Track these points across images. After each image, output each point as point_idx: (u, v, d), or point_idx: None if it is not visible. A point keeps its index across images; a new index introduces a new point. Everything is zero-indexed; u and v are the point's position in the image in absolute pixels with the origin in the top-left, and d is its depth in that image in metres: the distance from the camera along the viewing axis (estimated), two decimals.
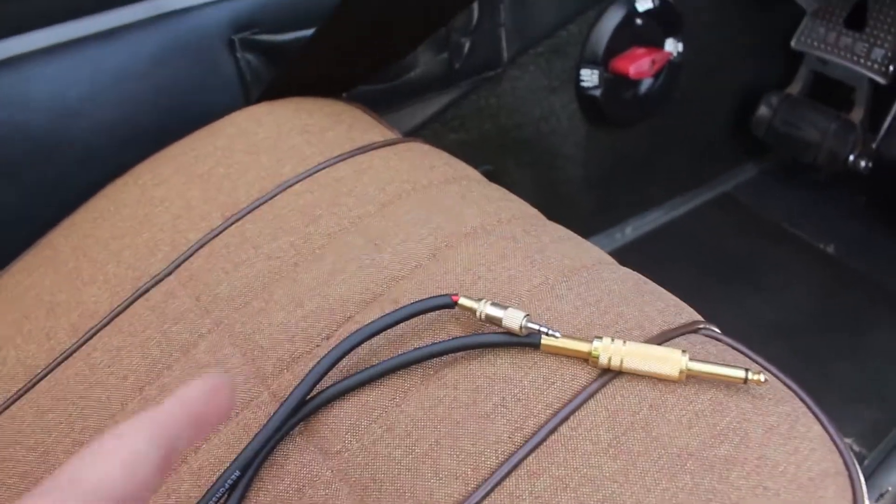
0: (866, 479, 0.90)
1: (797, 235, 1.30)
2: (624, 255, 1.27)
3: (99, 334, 0.52)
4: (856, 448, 0.97)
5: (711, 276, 1.23)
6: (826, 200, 1.36)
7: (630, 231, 1.29)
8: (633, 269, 0.51)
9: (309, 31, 0.73)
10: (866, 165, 1.20)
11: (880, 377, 1.06)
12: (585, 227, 1.22)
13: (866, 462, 0.96)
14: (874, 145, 1.22)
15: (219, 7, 0.71)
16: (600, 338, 0.41)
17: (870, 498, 0.89)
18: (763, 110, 1.28)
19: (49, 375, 0.51)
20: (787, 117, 1.26)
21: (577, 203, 1.16)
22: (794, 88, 1.29)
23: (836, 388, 1.05)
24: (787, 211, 1.35)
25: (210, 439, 0.44)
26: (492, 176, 0.62)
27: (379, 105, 0.78)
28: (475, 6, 0.83)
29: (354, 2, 0.59)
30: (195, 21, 0.70)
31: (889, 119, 1.21)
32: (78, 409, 0.48)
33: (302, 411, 0.42)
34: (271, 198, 0.55)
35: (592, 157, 1.12)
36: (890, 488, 0.90)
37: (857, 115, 1.21)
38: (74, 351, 0.51)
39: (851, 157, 1.20)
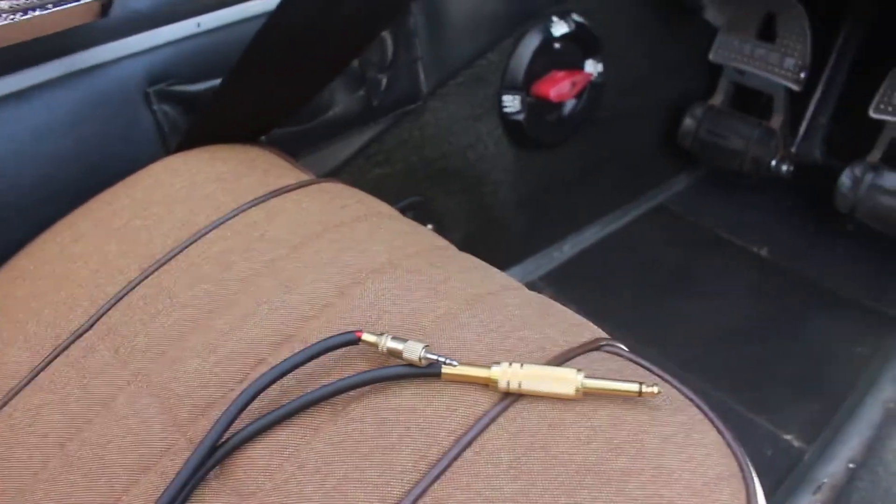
0: (804, 474, 0.93)
1: (731, 241, 1.34)
2: (563, 273, 1.29)
3: (19, 394, 0.52)
4: (795, 444, 1.00)
5: (651, 287, 1.25)
6: (756, 206, 1.40)
7: (568, 248, 1.31)
8: (574, 286, 0.53)
9: None
10: (788, 169, 1.25)
11: (817, 373, 1.09)
12: (522, 249, 1.24)
13: (806, 456, 0.99)
14: (793, 149, 1.27)
15: (133, 60, 0.72)
16: (499, 363, 0.42)
17: (807, 491, 0.92)
18: (688, 122, 1.32)
19: None
20: (711, 127, 1.30)
21: (510, 226, 1.18)
22: (717, 100, 1.33)
23: (776, 388, 1.08)
24: (720, 218, 1.38)
25: (129, 490, 0.45)
26: (421, 207, 0.63)
27: (300, 146, 0.80)
28: (389, 42, 0.85)
29: (259, 47, 0.61)
30: (110, 76, 0.71)
31: (805, 124, 1.26)
32: (0, 470, 0.48)
33: (215, 455, 0.43)
34: (186, 247, 0.56)
35: (522, 180, 1.14)
36: (826, 479, 0.92)
37: (776, 121, 1.26)
38: None
39: (774, 163, 1.24)
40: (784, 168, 1.24)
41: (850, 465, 0.94)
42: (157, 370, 0.49)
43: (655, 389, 0.41)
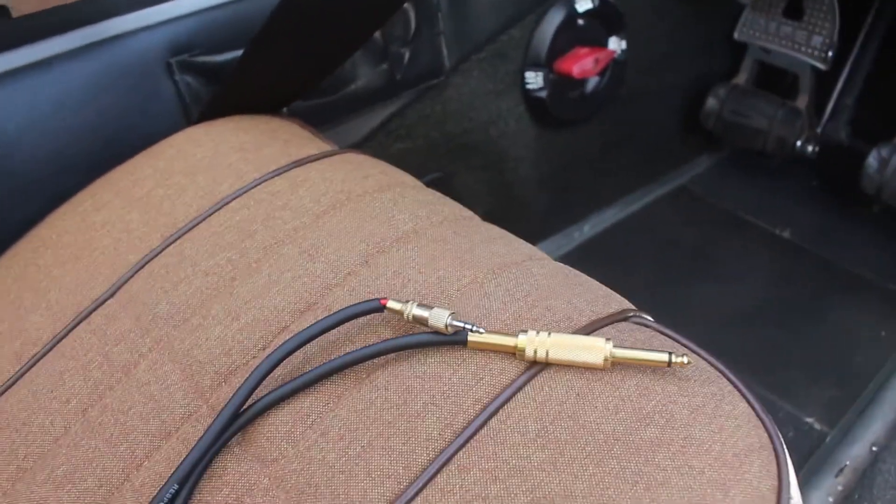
0: (826, 457, 0.92)
1: (753, 223, 1.32)
2: (583, 253, 1.28)
3: (42, 361, 0.52)
4: (817, 427, 0.99)
5: (671, 268, 1.24)
6: (779, 187, 1.39)
7: (588, 229, 1.30)
8: (594, 266, 0.52)
9: None
10: (813, 150, 1.23)
11: (839, 357, 1.08)
12: (542, 228, 1.23)
13: (828, 439, 0.98)
14: (819, 129, 1.25)
15: (155, 31, 0.71)
16: (525, 331, 0.42)
17: (829, 473, 0.91)
18: (711, 102, 1.30)
19: None
20: (734, 107, 1.28)
21: (531, 204, 1.17)
22: (741, 79, 1.31)
23: (798, 371, 1.07)
24: (742, 200, 1.37)
25: (151, 456, 0.44)
26: (442, 182, 0.63)
27: (322, 119, 0.79)
28: (412, 16, 0.84)
29: (281, 16, 0.60)
30: (132, 46, 0.71)
31: (831, 104, 1.24)
32: (21, 435, 0.48)
33: (238, 422, 0.42)
34: (208, 216, 0.56)
35: (543, 157, 1.13)
36: (848, 462, 0.92)
37: (801, 101, 1.24)
38: (18, 379, 0.52)
39: (798, 143, 1.23)
40: (809, 148, 1.22)
41: (874, 448, 0.93)
42: (179, 337, 0.49)
43: (685, 360, 0.41)
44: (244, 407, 0.43)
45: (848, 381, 1.05)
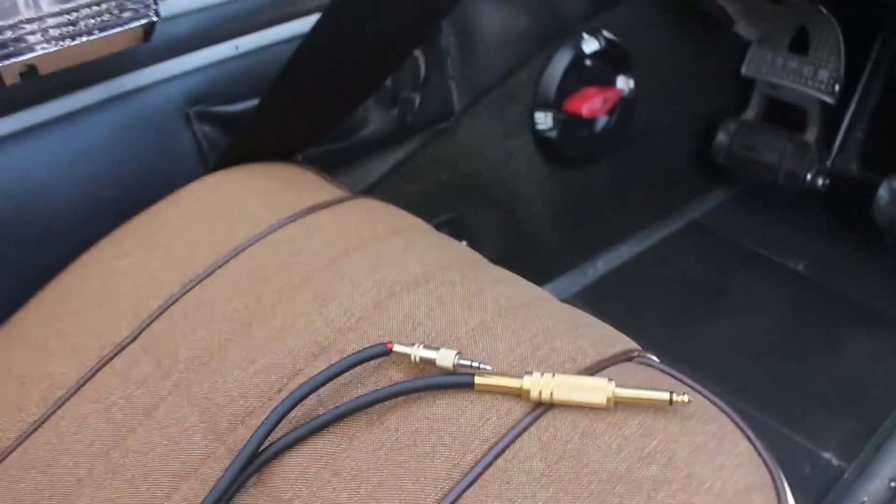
0: (844, 492, 0.91)
1: (767, 257, 1.33)
2: (598, 290, 1.29)
3: (67, 404, 0.54)
4: (834, 462, 0.99)
5: (685, 303, 1.25)
6: (792, 221, 1.39)
7: (602, 265, 1.31)
8: (608, 302, 0.53)
9: None
10: (824, 183, 1.23)
11: (856, 391, 1.08)
12: (555, 265, 1.25)
13: (846, 475, 0.97)
14: (829, 163, 1.26)
15: (173, 83, 0.74)
16: (531, 373, 0.43)
17: None
18: (721, 137, 1.31)
19: (20, 446, 0.53)
20: (744, 142, 1.30)
21: (543, 242, 1.18)
22: (750, 114, 1.33)
23: (815, 405, 1.07)
24: (755, 234, 1.37)
25: (171, 496, 0.46)
26: (455, 223, 0.64)
27: (335, 164, 0.82)
28: (421, 61, 0.87)
29: (295, 68, 0.62)
30: (152, 98, 0.73)
31: (840, 137, 1.25)
32: (47, 476, 0.50)
33: (255, 463, 0.44)
34: (225, 262, 0.58)
35: (555, 196, 1.15)
36: (866, 498, 0.91)
37: (810, 135, 1.25)
38: (44, 421, 0.53)
39: (809, 176, 1.23)
40: (819, 182, 1.23)
41: (892, 484, 0.93)
42: (198, 380, 0.51)
43: (686, 398, 0.42)
44: (261, 448, 0.44)
45: (865, 415, 1.04)
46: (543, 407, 0.43)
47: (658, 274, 1.32)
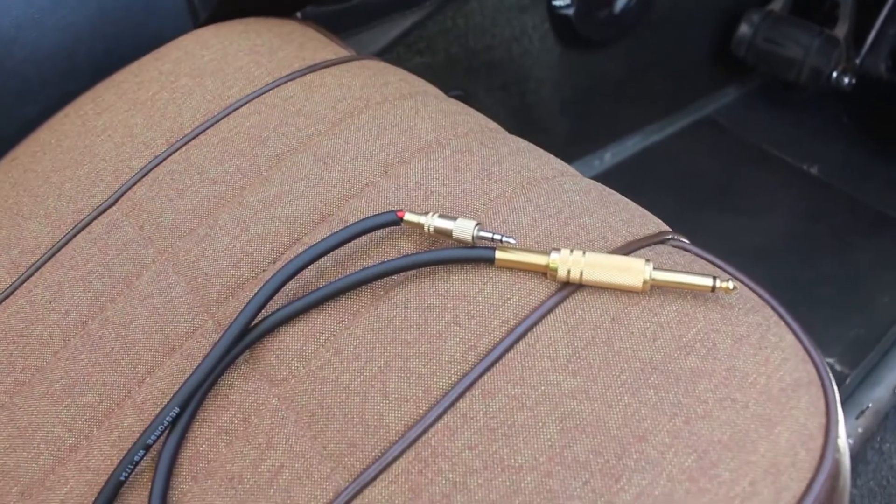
0: (847, 398, 0.89)
1: (780, 158, 1.28)
2: (603, 182, 1.24)
3: (40, 270, 0.49)
4: (838, 367, 0.96)
5: (692, 201, 1.20)
6: (809, 121, 1.33)
7: (609, 157, 1.26)
8: None
9: None
10: (850, 82, 1.17)
11: (863, 297, 1.05)
12: (562, 154, 1.18)
13: (848, 381, 0.95)
14: (858, 61, 1.19)
15: None
16: (558, 250, 0.38)
17: (850, 415, 0.88)
18: (744, 28, 1.24)
19: None
20: (768, 35, 1.22)
21: (551, 129, 1.12)
22: (776, 5, 1.25)
23: (820, 310, 1.04)
24: (769, 133, 1.32)
25: (153, 371, 0.42)
26: (462, 101, 0.58)
27: (336, 28, 0.74)
28: None
29: None
30: None
31: (873, 33, 1.18)
32: (19, 347, 0.46)
33: (246, 339, 0.40)
34: (217, 121, 0.52)
35: (567, 80, 1.08)
36: (870, 405, 0.89)
37: (841, 30, 1.17)
38: (15, 289, 0.49)
39: (835, 74, 1.17)
40: (845, 80, 1.17)
41: None
42: (185, 248, 0.46)
43: (731, 285, 0.38)
44: (253, 323, 0.40)
45: (871, 322, 1.01)
46: (571, 287, 0.39)
47: (666, 169, 1.27)
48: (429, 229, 0.39)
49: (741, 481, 0.33)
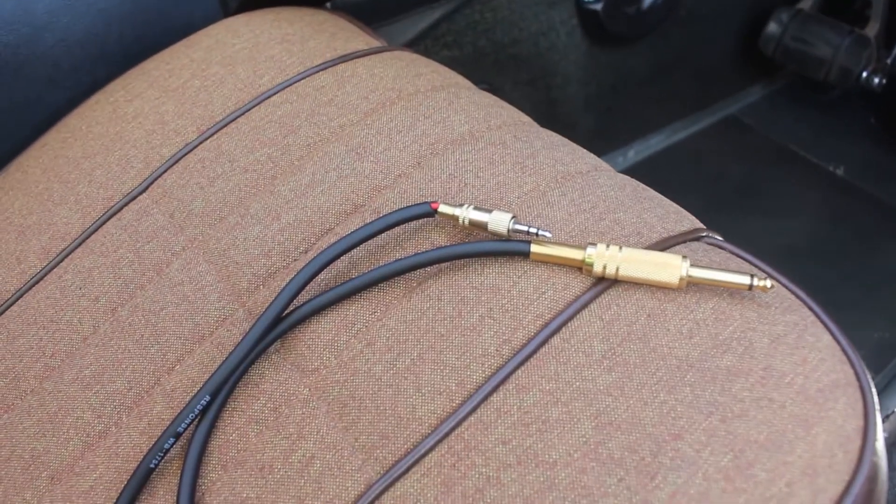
0: None
1: (805, 158, 1.26)
2: None
3: (70, 256, 0.49)
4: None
5: (716, 200, 1.19)
6: (836, 121, 1.32)
7: (633, 154, 1.25)
8: None
9: None
10: (880, 82, 1.15)
11: (888, 300, 1.04)
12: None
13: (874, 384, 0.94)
14: (889, 61, 1.18)
15: None
16: (594, 244, 0.38)
17: None
18: (772, 27, 1.23)
19: (20, 300, 0.48)
20: (797, 33, 1.21)
21: (576, 125, 1.12)
22: (806, 3, 1.23)
23: (845, 312, 1.03)
24: (795, 133, 1.30)
25: (183, 359, 0.42)
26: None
27: (365, 19, 0.74)
28: None
29: None
30: None
31: None
32: (49, 332, 0.46)
33: (278, 328, 0.39)
34: (248, 110, 0.52)
35: (593, 76, 1.07)
36: (895, 409, 0.88)
37: (871, 29, 1.16)
38: (45, 274, 0.49)
39: (864, 74, 1.15)
40: (875, 81, 1.15)
41: None
42: (215, 236, 0.46)
43: (768, 283, 0.37)
44: (285, 312, 0.40)
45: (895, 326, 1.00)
46: (606, 283, 0.38)
47: (690, 168, 1.26)
48: (463, 221, 0.39)
49: (778, 482, 0.33)
